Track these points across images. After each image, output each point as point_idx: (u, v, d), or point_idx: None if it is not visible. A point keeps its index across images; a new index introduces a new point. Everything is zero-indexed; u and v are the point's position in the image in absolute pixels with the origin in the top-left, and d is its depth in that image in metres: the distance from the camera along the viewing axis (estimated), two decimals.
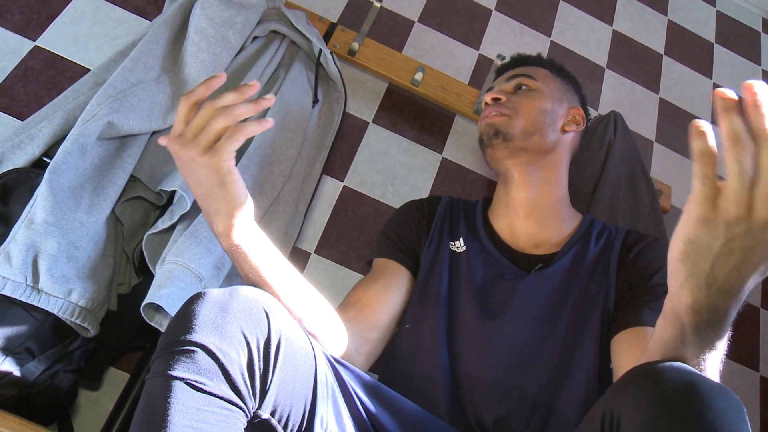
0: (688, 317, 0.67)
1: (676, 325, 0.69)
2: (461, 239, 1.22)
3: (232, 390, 0.74)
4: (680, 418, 0.60)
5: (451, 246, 1.22)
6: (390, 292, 1.14)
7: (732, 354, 1.69)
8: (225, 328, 0.75)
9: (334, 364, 0.90)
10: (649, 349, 0.77)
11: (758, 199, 0.58)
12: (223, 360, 0.73)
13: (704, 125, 0.61)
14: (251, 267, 0.89)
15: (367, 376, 0.95)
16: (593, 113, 1.87)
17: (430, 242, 1.22)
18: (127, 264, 1.25)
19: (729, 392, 0.64)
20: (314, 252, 1.49)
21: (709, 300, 0.64)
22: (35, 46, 1.50)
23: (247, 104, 0.85)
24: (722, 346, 0.71)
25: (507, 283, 1.14)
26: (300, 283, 0.95)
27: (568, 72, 1.41)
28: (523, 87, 1.30)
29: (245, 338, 0.76)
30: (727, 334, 0.70)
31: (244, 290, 0.81)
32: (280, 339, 0.79)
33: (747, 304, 1.76)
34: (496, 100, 1.28)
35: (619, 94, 1.99)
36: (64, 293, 1.05)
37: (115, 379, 1.28)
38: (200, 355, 0.73)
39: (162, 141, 0.86)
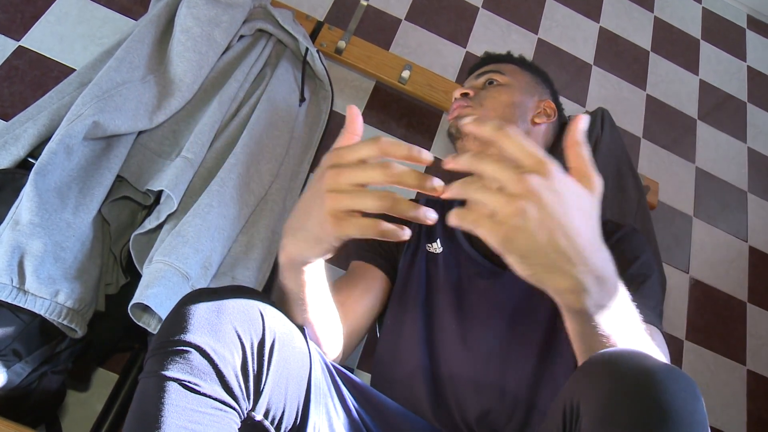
0: (577, 301, 0.68)
1: (576, 317, 0.72)
2: (438, 240, 1.22)
3: (226, 391, 0.74)
4: (636, 402, 0.61)
5: (428, 248, 1.22)
6: (370, 297, 1.14)
7: (719, 348, 1.71)
8: (219, 328, 0.74)
9: (329, 366, 0.90)
10: (576, 352, 0.78)
11: (510, 187, 0.64)
12: (217, 361, 0.73)
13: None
14: (295, 298, 0.85)
15: (359, 381, 0.95)
16: (580, 110, 1.87)
17: (408, 246, 1.22)
18: (115, 264, 1.25)
19: (682, 374, 0.64)
20: None
21: (573, 273, 0.67)
22: (19, 46, 1.49)
23: (415, 209, 0.69)
24: (622, 303, 0.73)
25: (483, 281, 1.14)
26: (332, 312, 0.94)
27: (538, 67, 1.41)
28: (493, 82, 1.31)
29: (239, 338, 0.76)
30: (619, 288, 0.73)
31: (239, 289, 0.81)
32: (274, 339, 0.79)
33: (734, 298, 1.78)
34: (464, 95, 1.30)
35: (606, 91, 2.00)
36: (51, 294, 1.04)
37: (104, 379, 1.27)
38: (194, 355, 0.72)
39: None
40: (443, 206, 1.29)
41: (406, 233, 0.68)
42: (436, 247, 1.21)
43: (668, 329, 1.68)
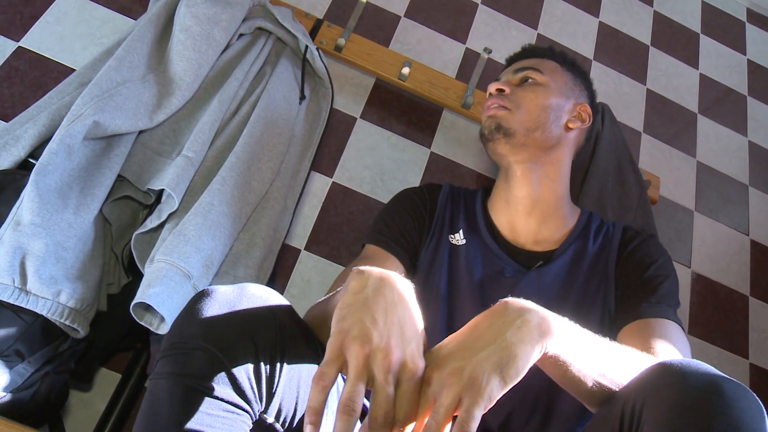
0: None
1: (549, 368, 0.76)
2: (461, 231, 1.20)
3: (238, 394, 0.73)
4: (702, 415, 0.61)
5: (450, 239, 1.19)
6: None
7: (721, 342, 1.71)
8: (231, 329, 0.74)
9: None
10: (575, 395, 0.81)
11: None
12: (228, 363, 0.72)
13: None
14: None
15: None
16: None
17: (431, 238, 1.19)
18: (117, 264, 1.25)
19: (749, 392, 0.64)
20: (304, 248, 1.49)
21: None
22: (19, 46, 1.49)
23: None
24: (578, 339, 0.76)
25: (508, 279, 1.13)
26: None
27: (580, 66, 1.36)
28: (530, 80, 1.26)
29: (252, 340, 0.75)
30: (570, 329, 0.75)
31: (253, 288, 0.80)
32: (287, 340, 0.78)
33: (736, 292, 1.78)
34: (500, 91, 1.25)
35: (606, 86, 2.00)
36: (53, 294, 1.04)
37: (107, 379, 1.28)
38: (206, 357, 0.72)
39: None
40: (465, 200, 1.28)
41: None
42: (459, 238, 1.19)
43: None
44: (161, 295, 1.07)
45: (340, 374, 0.68)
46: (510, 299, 0.73)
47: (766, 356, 1.73)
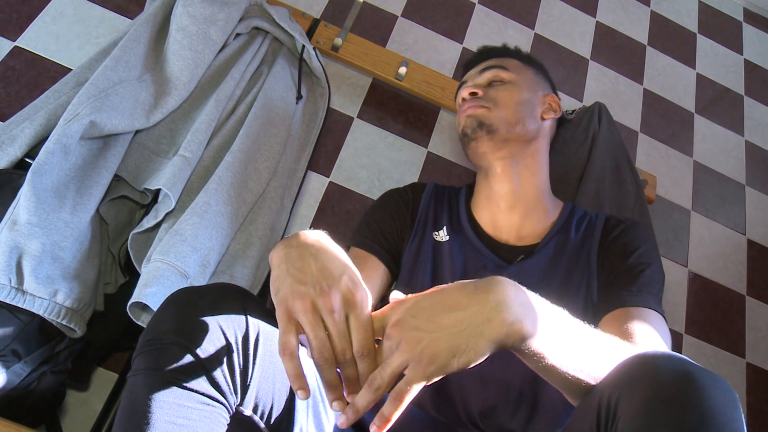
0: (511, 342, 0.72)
1: (524, 357, 0.75)
2: (444, 228, 1.21)
3: (212, 385, 0.76)
4: (676, 406, 0.61)
5: (434, 236, 1.20)
6: (369, 289, 1.13)
7: (718, 341, 1.71)
8: (203, 324, 0.76)
9: None
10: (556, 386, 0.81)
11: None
12: (202, 356, 0.75)
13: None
14: None
15: None
16: (578, 105, 1.87)
17: (414, 235, 1.20)
18: (113, 263, 1.25)
19: (722, 381, 0.64)
20: None
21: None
22: (15, 46, 1.49)
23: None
24: (556, 327, 0.75)
25: (489, 275, 1.13)
26: None
27: (535, 59, 1.38)
28: (498, 79, 1.27)
29: (224, 333, 0.77)
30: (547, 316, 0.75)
31: (225, 286, 0.83)
32: (258, 333, 0.81)
33: (732, 291, 1.78)
34: (473, 94, 1.25)
35: (603, 86, 2.00)
36: (50, 294, 1.04)
37: (104, 379, 1.28)
38: (180, 352, 0.74)
39: None
40: (449, 198, 1.29)
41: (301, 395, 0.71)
42: (443, 235, 1.20)
43: (668, 323, 1.69)
44: (158, 295, 1.07)
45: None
46: (501, 281, 0.73)
47: (762, 355, 1.74)
